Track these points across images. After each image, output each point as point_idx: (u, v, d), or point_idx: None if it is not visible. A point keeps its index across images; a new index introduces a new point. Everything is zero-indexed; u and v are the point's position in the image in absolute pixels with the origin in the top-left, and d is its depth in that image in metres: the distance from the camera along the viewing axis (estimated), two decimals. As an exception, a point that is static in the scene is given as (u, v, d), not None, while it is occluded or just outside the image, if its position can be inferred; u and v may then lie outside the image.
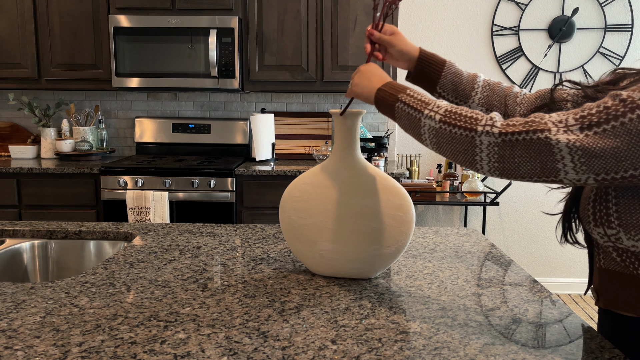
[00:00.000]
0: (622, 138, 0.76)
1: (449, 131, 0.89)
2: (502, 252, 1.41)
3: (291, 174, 2.97)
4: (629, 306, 0.90)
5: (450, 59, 1.61)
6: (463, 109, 0.90)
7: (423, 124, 0.93)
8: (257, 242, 1.47)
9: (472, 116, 0.88)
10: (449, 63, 1.19)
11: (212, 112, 3.61)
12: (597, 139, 0.78)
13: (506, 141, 0.83)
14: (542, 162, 0.81)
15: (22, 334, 0.88)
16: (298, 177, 1.19)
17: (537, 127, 0.81)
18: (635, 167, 0.77)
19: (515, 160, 0.83)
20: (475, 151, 0.86)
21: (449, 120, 0.89)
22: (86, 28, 3.17)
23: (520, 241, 3.68)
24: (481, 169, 0.88)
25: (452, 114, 0.90)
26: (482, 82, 1.18)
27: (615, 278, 0.92)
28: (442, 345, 0.85)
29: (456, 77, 1.18)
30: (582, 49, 3.48)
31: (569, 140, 0.79)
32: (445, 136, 0.90)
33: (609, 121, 0.77)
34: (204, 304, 1.02)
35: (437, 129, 0.91)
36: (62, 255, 1.54)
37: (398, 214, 1.11)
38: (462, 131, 0.87)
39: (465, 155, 0.88)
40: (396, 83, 1.02)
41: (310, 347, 0.84)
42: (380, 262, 1.14)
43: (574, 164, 0.79)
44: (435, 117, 0.91)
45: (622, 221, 0.85)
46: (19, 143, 3.45)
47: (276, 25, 3.15)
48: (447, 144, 0.90)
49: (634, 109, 0.76)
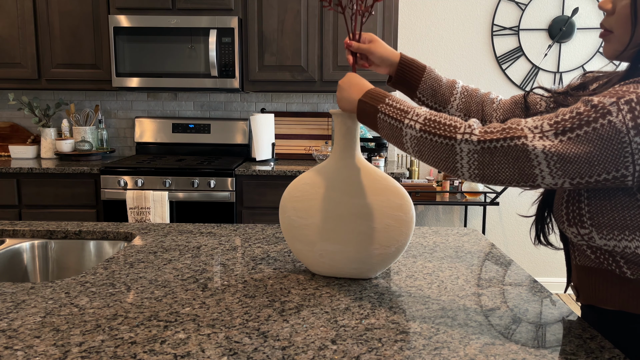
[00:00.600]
0: (594, 143, 0.78)
1: (429, 140, 0.91)
2: (502, 252, 1.41)
3: (291, 174, 2.97)
4: (608, 300, 0.92)
5: (451, 58, 1.61)
6: (442, 117, 0.92)
7: (405, 134, 0.95)
8: (257, 242, 1.47)
9: (451, 124, 0.90)
10: (428, 69, 1.22)
11: (212, 112, 3.61)
12: (571, 144, 0.80)
13: (485, 148, 0.85)
14: (520, 168, 0.84)
15: (22, 334, 0.88)
16: (298, 177, 1.19)
17: (514, 134, 0.83)
18: (608, 171, 0.79)
19: (494, 167, 0.86)
20: (455, 159, 0.89)
21: (429, 129, 0.91)
22: (86, 28, 3.17)
23: (520, 241, 3.68)
24: (462, 176, 0.90)
25: (432, 122, 0.92)
26: (461, 88, 1.22)
27: (592, 274, 0.94)
28: (442, 345, 0.85)
29: (435, 82, 1.22)
30: (582, 49, 3.48)
31: (544, 146, 0.81)
32: (426, 145, 0.92)
33: (582, 127, 0.79)
34: (204, 304, 1.02)
35: (418, 138, 0.93)
36: (62, 255, 1.54)
37: (398, 214, 1.11)
38: (442, 139, 0.89)
39: (446, 162, 0.90)
40: (375, 91, 1.03)
41: (310, 347, 0.84)
42: (380, 262, 1.14)
43: (550, 169, 0.82)
44: (415, 127, 0.93)
45: (595, 221, 0.87)
46: (19, 143, 3.45)
47: (276, 25, 3.15)
48: (428, 152, 0.92)
49: (605, 115, 0.78)
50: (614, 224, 0.85)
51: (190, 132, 3.49)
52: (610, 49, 0.90)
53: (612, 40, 0.90)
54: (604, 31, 0.91)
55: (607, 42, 0.91)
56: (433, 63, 3.54)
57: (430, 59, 3.55)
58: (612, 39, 0.90)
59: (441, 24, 3.52)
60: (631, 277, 0.88)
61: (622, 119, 0.77)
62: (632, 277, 0.88)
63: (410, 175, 3.49)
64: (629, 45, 0.86)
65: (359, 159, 1.15)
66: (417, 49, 3.54)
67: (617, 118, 0.77)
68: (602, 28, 0.92)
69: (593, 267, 0.93)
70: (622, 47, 0.88)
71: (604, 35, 0.91)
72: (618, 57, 0.90)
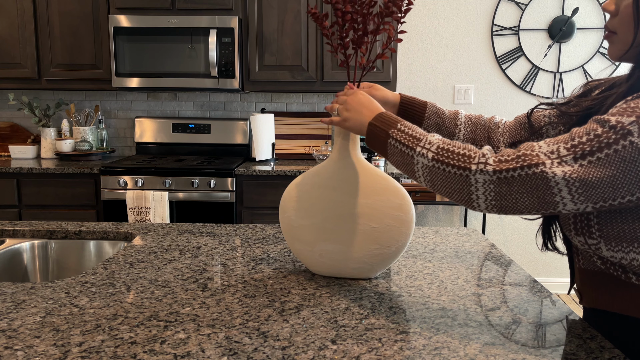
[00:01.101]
0: (617, 166, 0.76)
1: (442, 170, 0.88)
2: (502, 252, 1.41)
3: (291, 174, 2.97)
4: (611, 303, 0.92)
5: (451, 58, 1.61)
6: (455, 145, 0.89)
7: (416, 162, 0.92)
8: (257, 242, 1.47)
9: (465, 153, 0.87)
10: (430, 104, 1.23)
11: (212, 112, 3.61)
12: (593, 168, 0.77)
13: (501, 178, 0.83)
14: (539, 197, 0.81)
15: (22, 334, 0.88)
16: (298, 177, 1.19)
17: (530, 162, 0.81)
18: (632, 192, 0.77)
19: (512, 197, 0.83)
20: (470, 190, 0.86)
21: (442, 159, 0.88)
22: (86, 28, 3.17)
23: (520, 241, 3.68)
24: (478, 207, 0.87)
25: (445, 152, 0.89)
26: (464, 117, 1.22)
27: (596, 277, 0.94)
28: (442, 345, 0.85)
29: (438, 116, 1.22)
30: (582, 49, 3.48)
31: (564, 172, 0.78)
32: (439, 175, 0.89)
33: (602, 149, 0.77)
34: (204, 304, 1.02)
35: (431, 168, 0.90)
36: (62, 255, 1.54)
37: (398, 214, 1.11)
38: (456, 170, 0.86)
39: (460, 194, 0.87)
40: (386, 115, 1.00)
41: (310, 347, 0.84)
42: (380, 262, 1.14)
43: (572, 195, 0.79)
44: (427, 155, 0.90)
45: (603, 232, 0.86)
46: (19, 143, 3.45)
47: (276, 25, 3.15)
48: (441, 183, 0.89)
49: (626, 135, 0.76)
50: (623, 236, 0.84)
51: (190, 132, 3.49)
52: (615, 50, 0.90)
53: (616, 41, 0.89)
54: (608, 33, 0.90)
55: (611, 43, 0.90)
56: (433, 63, 3.55)
57: (430, 59, 3.55)
58: (616, 40, 0.89)
59: (441, 24, 3.52)
60: (636, 282, 0.87)
61: None
62: (637, 282, 0.87)
63: (410, 175, 3.49)
64: (632, 45, 0.86)
65: (359, 159, 1.15)
66: (417, 49, 3.54)
67: (639, 139, 0.75)
68: (606, 30, 0.91)
69: (597, 271, 0.93)
70: (625, 47, 0.87)
71: (608, 37, 0.90)
72: (622, 57, 0.89)
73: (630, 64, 0.89)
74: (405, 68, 3.56)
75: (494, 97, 3.56)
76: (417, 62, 3.56)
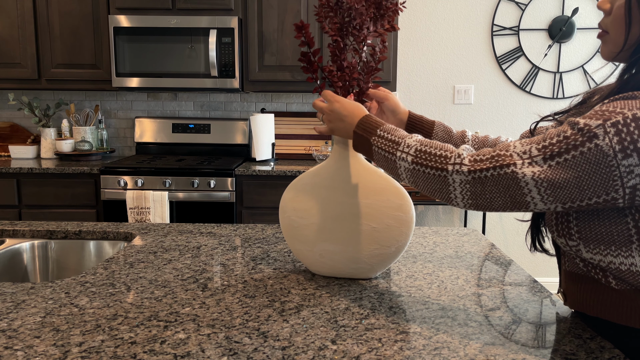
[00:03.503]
0: (583, 168, 0.78)
1: (422, 172, 0.92)
2: (502, 252, 1.41)
3: (291, 174, 2.97)
4: (593, 308, 0.92)
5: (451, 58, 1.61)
6: (432, 146, 0.92)
7: (399, 166, 0.95)
8: (257, 242, 1.47)
9: (442, 154, 0.90)
10: (437, 122, 1.25)
11: (212, 112, 3.61)
12: (560, 169, 0.79)
13: (476, 179, 0.86)
14: (511, 196, 0.84)
15: (22, 334, 0.88)
16: (298, 177, 1.19)
17: (502, 162, 0.83)
18: (598, 194, 0.78)
19: (487, 196, 0.86)
20: (449, 189, 0.89)
21: (420, 161, 0.92)
22: (86, 28, 3.17)
23: (520, 241, 3.68)
24: (457, 205, 0.90)
25: (423, 154, 0.92)
26: (472, 136, 1.24)
27: (578, 280, 0.94)
28: (442, 345, 0.85)
29: (446, 134, 1.24)
30: (582, 49, 3.48)
31: (533, 173, 0.80)
32: (420, 177, 0.92)
33: (569, 151, 0.78)
34: (204, 304, 1.02)
35: (412, 170, 0.93)
36: (62, 255, 1.54)
37: (398, 214, 1.11)
38: (434, 171, 0.90)
39: (440, 193, 0.91)
40: (366, 120, 1.03)
41: (310, 347, 0.84)
42: (380, 262, 1.14)
43: (541, 195, 0.81)
44: (407, 159, 0.94)
45: (582, 235, 0.86)
46: (19, 143, 3.45)
47: (276, 25, 3.15)
48: (423, 184, 0.93)
49: (592, 138, 0.77)
50: (600, 239, 0.85)
51: (190, 132, 3.49)
52: (606, 49, 0.90)
53: (608, 41, 0.89)
54: (601, 32, 0.90)
55: (604, 42, 0.90)
56: (433, 63, 3.55)
57: (430, 59, 3.55)
58: (608, 40, 0.89)
59: (441, 24, 3.52)
60: (615, 287, 0.88)
61: (609, 142, 0.76)
62: (617, 287, 0.88)
63: (410, 175, 3.49)
64: (624, 47, 0.86)
65: (359, 159, 1.15)
66: (417, 49, 3.54)
67: (604, 141, 0.76)
68: (599, 28, 0.91)
69: (580, 274, 0.93)
70: (617, 48, 0.87)
71: (601, 36, 0.91)
72: (614, 58, 0.89)
73: (623, 64, 0.89)
74: (405, 68, 3.56)
75: (494, 97, 3.56)
76: (417, 62, 3.56)
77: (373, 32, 1.13)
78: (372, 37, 1.13)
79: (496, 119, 3.58)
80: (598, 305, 0.91)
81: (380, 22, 1.13)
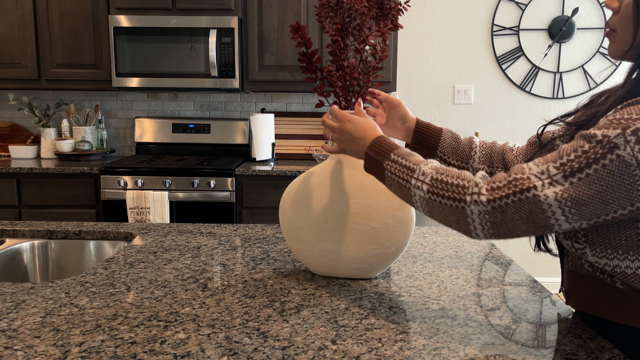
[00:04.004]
0: (606, 181, 0.75)
1: (438, 202, 0.87)
2: (502, 252, 1.41)
3: (291, 174, 2.97)
4: (596, 308, 0.92)
5: (451, 58, 1.62)
6: (449, 174, 0.88)
7: (413, 194, 0.91)
8: (257, 242, 1.47)
9: (459, 183, 0.86)
10: (445, 129, 1.24)
11: (212, 112, 3.61)
12: (582, 186, 0.77)
13: (495, 207, 0.82)
14: (534, 221, 0.80)
15: (22, 334, 0.88)
16: (298, 177, 1.19)
17: (522, 186, 0.80)
18: (624, 206, 0.77)
19: (508, 225, 0.82)
20: (467, 221, 0.85)
21: (437, 191, 0.87)
22: (86, 28, 3.17)
23: (520, 241, 3.68)
24: (477, 237, 0.86)
25: (439, 183, 0.88)
26: (479, 142, 1.23)
27: (582, 280, 0.94)
28: (442, 345, 0.85)
29: (454, 141, 1.22)
30: (582, 49, 3.48)
31: (555, 193, 0.77)
32: (436, 206, 0.88)
33: (590, 165, 0.76)
34: (204, 304, 1.02)
35: (427, 200, 0.89)
36: (62, 255, 1.54)
37: (398, 214, 1.11)
38: (452, 202, 0.86)
39: (458, 224, 0.87)
40: (379, 143, 0.98)
41: (310, 347, 0.84)
42: (380, 262, 1.14)
43: (565, 216, 0.78)
44: (423, 188, 0.89)
45: (589, 238, 0.86)
46: (19, 143, 3.45)
47: (276, 25, 3.15)
48: (439, 214, 0.89)
49: (612, 149, 0.75)
50: (608, 243, 0.84)
51: (190, 132, 3.49)
52: (614, 48, 0.89)
53: (615, 39, 0.88)
54: (609, 30, 0.90)
55: (611, 41, 0.89)
56: (433, 63, 3.55)
57: (430, 59, 3.55)
58: (615, 39, 0.88)
59: (441, 24, 3.52)
60: (621, 287, 0.87)
61: (631, 151, 0.74)
62: (622, 287, 0.87)
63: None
64: (632, 45, 0.85)
65: (359, 159, 1.15)
66: (417, 49, 3.54)
67: (625, 151, 0.74)
68: (607, 27, 0.91)
69: (584, 273, 0.93)
70: (624, 47, 0.87)
71: (608, 35, 0.90)
72: (622, 57, 0.88)
73: (630, 62, 0.89)
74: (405, 68, 3.56)
75: (494, 97, 3.56)
76: (417, 62, 3.56)
77: (375, 31, 1.13)
78: (375, 36, 1.13)
79: (496, 119, 3.58)
80: (601, 305, 0.90)
81: (383, 21, 1.13)
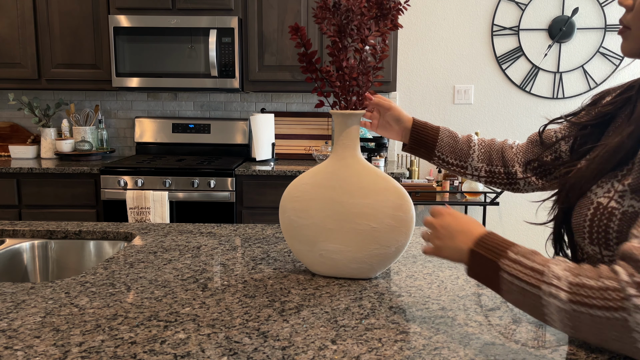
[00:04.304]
0: None
1: (587, 313, 0.71)
2: (502, 252, 1.41)
3: (291, 174, 2.97)
4: None
5: (451, 58, 1.61)
6: (585, 275, 0.73)
7: (546, 303, 0.74)
8: (257, 242, 1.47)
9: (605, 286, 0.70)
10: (442, 127, 1.23)
11: (212, 112, 3.61)
12: None
13: None
14: None
15: (22, 334, 0.88)
16: (298, 177, 1.19)
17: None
18: None
19: None
20: (634, 336, 0.69)
21: (581, 300, 0.71)
22: (86, 28, 3.17)
23: (520, 241, 3.67)
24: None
25: (580, 288, 0.71)
26: (477, 140, 1.22)
27: None
28: (442, 345, 0.85)
29: (452, 139, 1.21)
30: (582, 49, 3.48)
31: None
32: (583, 320, 0.71)
33: None
34: (204, 304, 1.02)
35: (570, 312, 0.72)
36: (62, 255, 1.54)
37: (398, 214, 1.11)
38: (604, 312, 0.69)
39: (622, 342, 0.70)
40: (490, 238, 0.84)
41: (310, 347, 0.84)
42: (380, 262, 1.14)
43: None
44: (560, 296, 0.73)
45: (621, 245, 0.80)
46: (19, 143, 3.45)
47: (276, 25, 3.15)
48: (588, 329, 0.72)
49: None
50: None
51: (190, 132, 3.49)
52: (627, 46, 0.87)
53: (629, 37, 0.86)
54: (622, 27, 0.87)
55: (625, 39, 0.87)
56: (433, 63, 3.55)
57: (430, 59, 3.55)
58: (629, 36, 0.86)
59: (441, 24, 3.52)
60: None
61: None
62: None
63: (410, 175, 3.49)
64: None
65: (359, 159, 1.15)
66: (417, 49, 3.54)
67: None
68: (620, 24, 0.88)
69: None
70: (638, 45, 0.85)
71: (622, 32, 0.87)
72: (636, 55, 0.86)
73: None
74: (405, 68, 3.56)
75: (494, 97, 3.56)
76: (417, 62, 3.56)
77: (375, 31, 1.12)
78: (374, 36, 1.13)
79: (496, 119, 3.58)
80: None
81: (383, 21, 1.12)
